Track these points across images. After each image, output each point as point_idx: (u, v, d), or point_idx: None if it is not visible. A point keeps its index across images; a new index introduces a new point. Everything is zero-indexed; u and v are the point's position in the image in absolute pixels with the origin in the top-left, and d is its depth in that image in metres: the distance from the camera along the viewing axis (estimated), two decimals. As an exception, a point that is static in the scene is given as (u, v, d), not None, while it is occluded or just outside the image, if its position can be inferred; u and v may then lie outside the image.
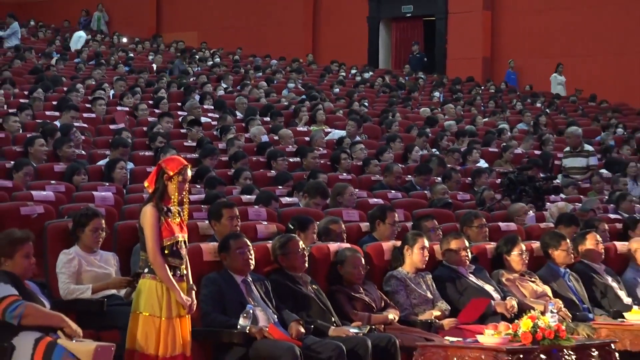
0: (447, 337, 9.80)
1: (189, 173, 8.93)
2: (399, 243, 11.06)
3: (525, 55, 36.35)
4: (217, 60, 30.91)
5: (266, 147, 17.65)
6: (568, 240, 11.91)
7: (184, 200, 8.92)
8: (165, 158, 9.45)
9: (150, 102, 21.38)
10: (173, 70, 27.96)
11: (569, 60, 34.83)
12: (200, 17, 41.55)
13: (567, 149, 20.95)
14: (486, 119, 25.84)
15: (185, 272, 8.84)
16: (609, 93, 33.22)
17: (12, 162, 13.94)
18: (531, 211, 14.96)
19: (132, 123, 18.98)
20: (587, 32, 35.22)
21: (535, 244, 12.02)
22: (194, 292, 8.93)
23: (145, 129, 18.16)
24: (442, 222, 12.81)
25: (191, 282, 8.96)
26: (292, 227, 11.05)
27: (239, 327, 9.26)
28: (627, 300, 11.76)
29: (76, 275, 9.77)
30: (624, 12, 34.60)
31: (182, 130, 18.53)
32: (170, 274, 8.67)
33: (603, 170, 20.27)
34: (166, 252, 8.70)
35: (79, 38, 33.26)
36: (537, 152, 21.47)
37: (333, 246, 10.73)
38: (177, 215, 8.91)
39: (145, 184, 9.01)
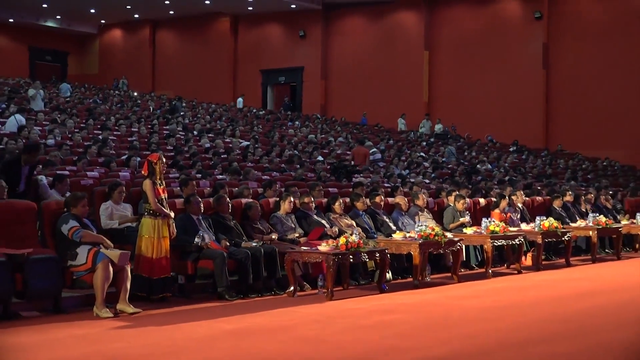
0: (302, 247, 9.80)
1: (163, 159, 8.93)
2: (278, 199, 11.02)
3: (344, 103, 36.55)
4: (184, 104, 30.30)
5: (209, 150, 17.53)
6: (363, 197, 11.98)
7: (162, 178, 8.93)
8: (149, 155, 9.34)
9: (150, 126, 21.02)
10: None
11: (370, 105, 35.31)
12: (174, 81, 41.17)
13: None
14: (321, 136, 25.78)
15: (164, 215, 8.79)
16: (384, 121, 33.61)
17: (76, 157, 13.69)
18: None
19: (139, 137, 18.64)
20: (377, 90, 35.58)
21: (347, 199, 12.04)
22: (173, 224, 8.86)
23: (146, 139, 17.86)
24: (300, 188, 12.75)
25: (173, 218, 8.93)
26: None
27: (195, 242, 9.21)
28: (394, 228, 11.85)
29: (110, 216, 9.59)
30: (407, 79, 35.05)
31: (165, 140, 18.26)
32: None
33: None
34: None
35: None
36: (348, 152, 21.54)
37: (244, 201, 10.63)
38: (162, 184, 8.86)
39: (143, 171, 8.96)
